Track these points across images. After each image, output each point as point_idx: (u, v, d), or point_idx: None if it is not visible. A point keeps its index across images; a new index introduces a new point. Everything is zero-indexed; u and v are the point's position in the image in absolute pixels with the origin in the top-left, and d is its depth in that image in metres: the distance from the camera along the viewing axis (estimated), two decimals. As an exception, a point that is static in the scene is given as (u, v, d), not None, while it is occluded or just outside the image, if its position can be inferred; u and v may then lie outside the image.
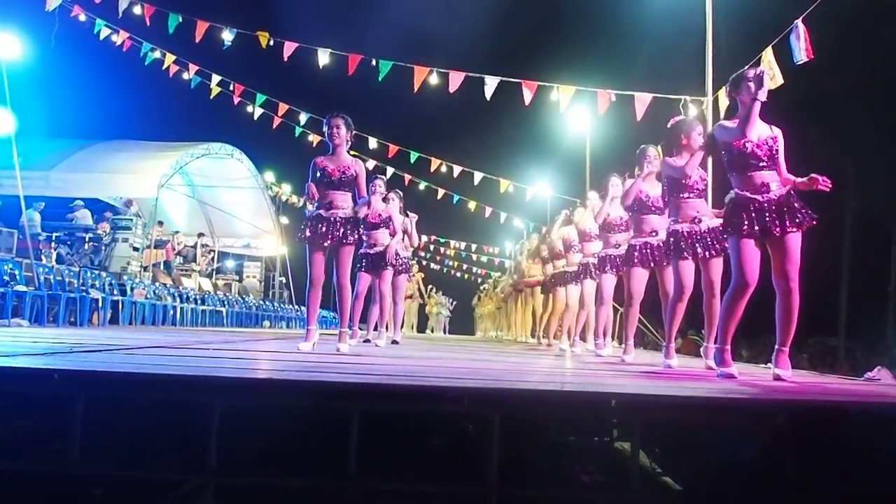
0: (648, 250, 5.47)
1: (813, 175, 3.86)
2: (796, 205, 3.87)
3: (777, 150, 3.95)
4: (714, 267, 4.76)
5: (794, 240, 3.86)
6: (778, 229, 3.82)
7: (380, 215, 7.08)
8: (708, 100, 9.79)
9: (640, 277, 5.57)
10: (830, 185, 3.86)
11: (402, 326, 9.16)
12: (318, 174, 5.19)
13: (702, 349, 5.10)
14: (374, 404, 2.66)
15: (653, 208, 5.51)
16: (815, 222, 3.86)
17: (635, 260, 5.52)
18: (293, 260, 21.17)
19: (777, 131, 4.00)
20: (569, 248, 8.11)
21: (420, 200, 17.87)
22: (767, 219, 3.83)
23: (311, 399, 2.68)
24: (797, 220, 3.84)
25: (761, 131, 3.96)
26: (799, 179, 3.92)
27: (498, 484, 2.49)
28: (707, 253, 4.73)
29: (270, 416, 2.72)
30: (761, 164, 3.91)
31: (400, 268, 7.85)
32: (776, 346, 3.90)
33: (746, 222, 3.86)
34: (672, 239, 4.85)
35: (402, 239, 7.74)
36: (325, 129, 5.30)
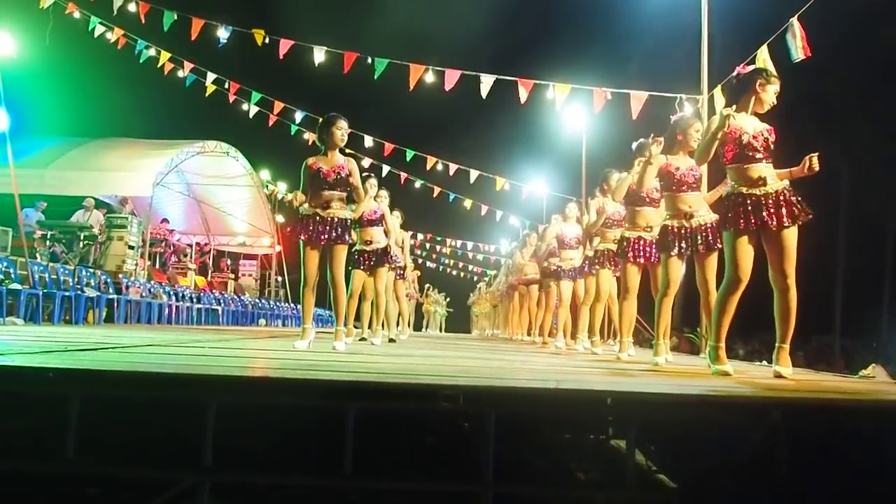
0: (641, 245, 5.45)
1: (805, 159, 3.91)
2: (793, 199, 3.85)
3: (772, 143, 3.96)
4: (709, 264, 4.73)
5: (791, 235, 3.84)
6: (775, 224, 3.80)
7: (374, 213, 7.10)
8: (703, 98, 9.82)
9: (633, 273, 5.51)
10: (817, 158, 3.90)
11: (398, 325, 9.15)
12: (313, 176, 5.21)
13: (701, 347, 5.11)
14: (369, 402, 2.66)
15: (647, 200, 5.49)
16: (810, 216, 3.84)
17: (628, 255, 5.48)
18: (289, 258, 21.13)
19: (768, 126, 4.02)
20: (562, 243, 8.12)
21: (416, 199, 17.88)
22: (765, 213, 3.82)
23: (307, 397, 2.68)
24: (794, 215, 3.82)
25: (755, 124, 3.97)
26: (795, 168, 3.94)
27: (493, 482, 2.49)
28: (698, 249, 4.70)
29: (266, 414, 2.72)
30: (758, 155, 3.91)
31: (395, 265, 7.91)
32: (777, 344, 3.89)
33: (743, 217, 3.86)
34: (661, 234, 4.85)
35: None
36: (328, 128, 5.25)
